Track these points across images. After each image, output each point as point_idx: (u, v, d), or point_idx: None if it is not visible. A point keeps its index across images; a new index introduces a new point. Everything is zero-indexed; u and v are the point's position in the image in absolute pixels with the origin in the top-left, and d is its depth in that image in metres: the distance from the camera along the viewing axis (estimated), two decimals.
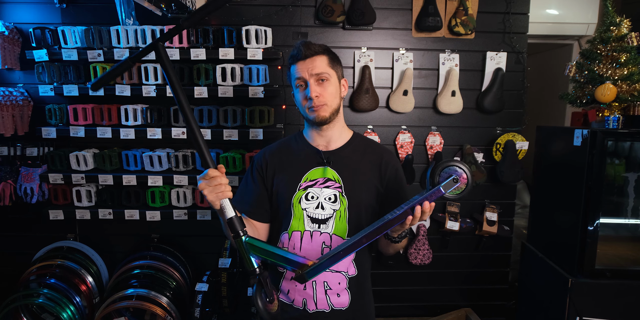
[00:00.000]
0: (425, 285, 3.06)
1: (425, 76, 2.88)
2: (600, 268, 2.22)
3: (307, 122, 1.65)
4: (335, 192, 1.57)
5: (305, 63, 1.53)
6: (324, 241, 1.56)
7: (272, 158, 1.67)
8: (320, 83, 1.54)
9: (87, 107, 2.63)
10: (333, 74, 1.57)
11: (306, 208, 1.57)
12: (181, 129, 2.61)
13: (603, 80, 2.40)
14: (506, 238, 3.00)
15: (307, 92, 1.53)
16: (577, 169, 2.27)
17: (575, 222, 2.26)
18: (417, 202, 1.29)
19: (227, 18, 2.75)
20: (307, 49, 1.53)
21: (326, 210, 1.56)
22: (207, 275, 2.75)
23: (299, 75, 1.54)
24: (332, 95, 1.56)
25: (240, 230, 1.37)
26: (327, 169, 1.60)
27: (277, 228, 1.66)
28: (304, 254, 1.54)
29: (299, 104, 1.60)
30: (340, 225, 1.57)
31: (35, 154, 2.74)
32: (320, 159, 1.62)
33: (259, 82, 2.59)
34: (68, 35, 2.55)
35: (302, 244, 1.57)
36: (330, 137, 1.65)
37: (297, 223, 1.58)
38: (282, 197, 1.60)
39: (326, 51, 1.58)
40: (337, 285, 1.57)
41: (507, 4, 2.83)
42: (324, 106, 1.54)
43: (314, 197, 1.57)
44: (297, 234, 1.58)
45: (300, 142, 1.70)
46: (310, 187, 1.58)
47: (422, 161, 2.91)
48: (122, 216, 2.67)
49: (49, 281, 2.61)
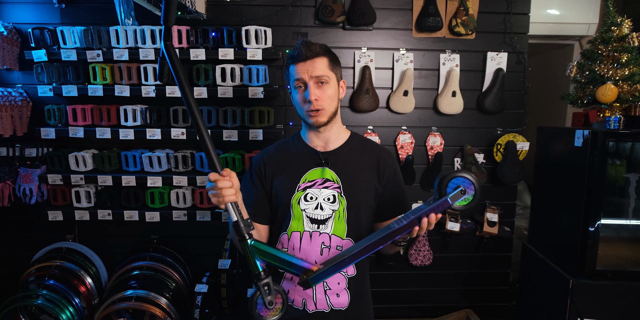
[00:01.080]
0: (426, 286, 3.06)
1: (426, 76, 2.89)
2: (602, 269, 2.22)
3: (305, 123, 1.66)
4: (334, 193, 1.58)
5: (306, 64, 1.53)
6: (323, 241, 1.56)
7: (270, 160, 1.68)
8: (319, 86, 1.54)
9: (86, 107, 2.63)
10: (333, 77, 1.58)
11: (305, 209, 1.58)
12: (180, 129, 2.61)
13: (604, 81, 2.40)
14: (507, 239, 3.01)
15: (306, 94, 1.53)
16: (578, 169, 2.27)
17: (576, 223, 2.26)
18: (424, 213, 1.29)
19: (227, 18, 2.76)
20: (307, 50, 1.52)
21: (325, 210, 1.57)
22: (206, 277, 2.75)
23: (298, 77, 1.54)
24: (330, 98, 1.57)
25: (246, 233, 1.37)
26: (325, 169, 1.61)
27: (277, 229, 1.67)
28: (303, 254, 1.56)
29: (296, 105, 1.61)
30: (339, 226, 1.57)
31: (34, 155, 2.74)
32: (319, 159, 1.62)
33: (258, 82, 2.59)
34: (67, 36, 2.55)
35: (302, 244, 1.57)
36: (328, 138, 1.66)
37: (297, 224, 1.59)
38: (282, 199, 1.61)
39: (327, 52, 1.58)
40: (337, 285, 1.58)
41: (508, 4, 2.84)
42: (321, 111, 1.55)
43: (313, 197, 1.58)
44: (297, 234, 1.58)
45: (298, 143, 1.71)
46: (309, 188, 1.59)
47: (422, 162, 2.93)
48: (121, 217, 2.68)
49: (48, 282, 2.62)
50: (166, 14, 1.27)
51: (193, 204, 2.74)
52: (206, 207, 2.70)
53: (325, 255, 1.56)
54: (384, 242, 1.35)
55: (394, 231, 1.33)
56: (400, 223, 1.34)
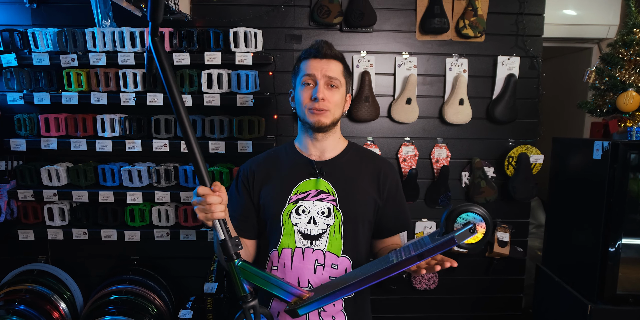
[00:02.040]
0: (430, 312, 3.04)
1: (431, 83, 2.87)
2: (622, 293, 2.20)
3: (302, 126, 1.64)
4: (329, 206, 1.56)
5: (321, 62, 1.54)
6: (316, 259, 1.54)
7: (259, 169, 1.66)
8: (329, 88, 1.55)
9: (59, 116, 2.61)
10: (343, 85, 1.60)
11: (297, 223, 1.55)
12: (163, 141, 2.59)
13: (625, 88, 2.41)
14: (519, 260, 2.98)
15: (314, 91, 1.53)
16: (597, 184, 2.26)
17: (595, 242, 2.24)
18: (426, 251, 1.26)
19: (214, 19, 2.74)
20: (328, 48, 1.56)
21: (319, 225, 1.55)
22: (191, 301, 2.75)
23: (310, 72, 1.54)
24: (337, 104, 1.57)
25: (233, 253, 1.35)
26: (319, 180, 1.59)
27: (265, 245, 1.64)
28: (295, 273, 1.54)
29: (298, 103, 1.59)
30: (334, 242, 1.55)
31: (3, 168, 2.69)
32: (313, 169, 1.60)
33: (248, 89, 2.58)
34: (39, 38, 2.53)
35: (293, 262, 1.55)
36: (325, 147, 1.64)
37: (288, 239, 1.56)
38: (271, 211, 1.59)
39: (343, 60, 1.61)
40: (332, 306, 1.55)
41: (521, 3, 2.82)
42: (326, 112, 1.55)
43: (306, 210, 1.56)
44: (288, 251, 1.56)
45: (290, 151, 1.69)
46: (301, 200, 1.57)
47: (427, 176, 2.91)
48: (98, 236, 2.65)
49: (18, 308, 2.58)
50: (153, 11, 1.26)
51: (177, 222, 2.72)
52: (191, 225, 2.69)
53: (319, 273, 1.53)
54: (378, 278, 1.33)
55: (391, 266, 1.30)
56: (399, 257, 1.31)
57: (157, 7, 1.25)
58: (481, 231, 1.26)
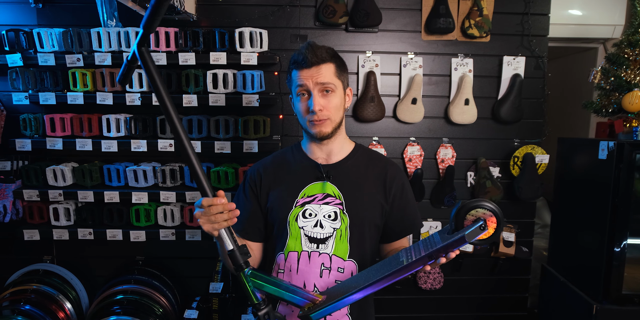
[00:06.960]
0: (436, 312, 3.05)
1: (436, 83, 2.88)
2: (628, 293, 2.23)
3: (306, 134, 1.65)
4: (336, 209, 1.57)
5: (310, 71, 1.51)
6: (323, 262, 1.55)
7: (267, 172, 1.67)
8: (325, 94, 1.53)
9: (65, 116, 2.61)
10: (339, 85, 1.57)
11: (303, 226, 1.56)
12: (168, 141, 2.60)
13: (631, 88, 2.42)
14: (524, 260, 2.99)
15: (309, 103, 1.52)
16: (602, 184, 2.29)
17: (601, 242, 2.27)
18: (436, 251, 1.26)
19: (219, 19, 2.75)
20: (313, 55, 1.51)
21: (325, 228, 1.56)
22: (196, 301, 2.75)
23: (301, 83, 1.52)
24: (336, 108, 1.56)
25: (242, 262, 1.34)
26: (326, 183, 1.60)
27: (272, 248, 1.65)
28: (301, 276, 1.55)
29: (298, 113, 1.59)
30: (341, 246, 1.56)
31: (8, 168, 2.71)
32: (319, 173, 1.61)
33: (253, 89, 2.58)
34: (44, 38, 2.53)
35: (300, 265, 1.56)
36: (331, 150, 1.65)
37: (294, 243, 1.57)
38: (277, 215, 1.60)
39: (334, 58, 1.57)
40: (337, 310, 1.55)
41: (526, 4, 2.83)
42: (326, 121, 1.54)
43: (312, 214, 1.57)
44: (294, 254, 1.57)
45: (297, 154, 1.70)
46: (308, 203, 1.58)
47: (432, 176, 2.92)
48: (103, 236, 2.65)
49: (24, 308, 2.60)
50: (150, 19, 1.23)
51: (182, 222, 2.73)
52: (196, 225, 2.68)
53: (325, 277, 1.54)
54: (390, 280, 1.32)
55: (402, 268, 1.29)
56: (409, 257, 1.30)
57: (156, 16, 1.22)
58: (492, 226, 1.23)
